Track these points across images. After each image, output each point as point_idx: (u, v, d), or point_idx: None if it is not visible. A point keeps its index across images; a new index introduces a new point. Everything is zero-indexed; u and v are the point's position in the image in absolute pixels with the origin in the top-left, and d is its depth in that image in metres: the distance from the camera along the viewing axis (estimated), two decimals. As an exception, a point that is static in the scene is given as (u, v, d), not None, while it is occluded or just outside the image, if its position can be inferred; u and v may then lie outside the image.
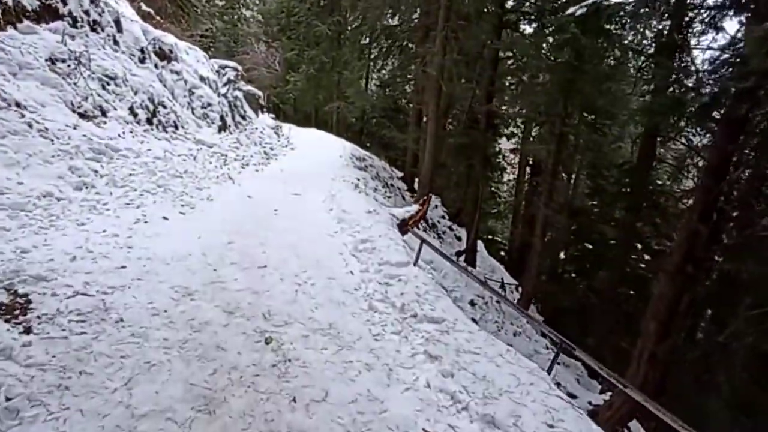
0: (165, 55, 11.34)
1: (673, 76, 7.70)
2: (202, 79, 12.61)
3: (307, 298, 4.78)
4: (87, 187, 5.57)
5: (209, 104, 12.25)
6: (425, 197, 9.41)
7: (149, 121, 9.39)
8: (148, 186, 6.33)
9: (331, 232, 6.90)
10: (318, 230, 6.82)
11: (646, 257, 13.26)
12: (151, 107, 9.62)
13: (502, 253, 26.02)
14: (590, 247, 14.74)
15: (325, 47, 23.64)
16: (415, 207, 9.35)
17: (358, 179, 12.05)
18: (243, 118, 14.55)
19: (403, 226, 9.06)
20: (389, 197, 13.02)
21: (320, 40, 23.96)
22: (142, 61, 10.28)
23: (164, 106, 10.17)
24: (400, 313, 5.00)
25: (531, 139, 23.42)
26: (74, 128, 6.66)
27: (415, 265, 6.30)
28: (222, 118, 12.55)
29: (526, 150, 21.54)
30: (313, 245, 6.16)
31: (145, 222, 5.39)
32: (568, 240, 16.94)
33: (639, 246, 12.47)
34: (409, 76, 18.58)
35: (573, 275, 16.01)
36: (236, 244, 5.49)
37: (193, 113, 11.60)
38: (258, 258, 5.35)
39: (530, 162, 24.06)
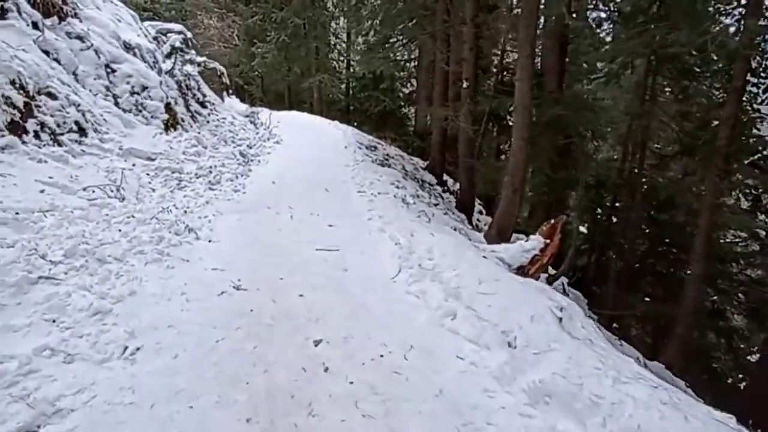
0: (52, 8, 6.59)
1: None
2: (128, 47, 7.88)
3: None
4: None
5: (144, 87, 7.59)
6: (553, 221, 5.28)
7: (16, 127, 4.85)
8: None
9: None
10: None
11: None
12: (20, 99, 5.04)
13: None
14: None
15: (297, 6, 18.68)
16: (534, 241, 5.16)
17: (395, 185, 7.75)
18: (202, 105, 9.89)
19: (524, 275, 4.92)
20: (436, 204, 8.79)
21: (290, -3, 19.03)
22: (-2, 14, 5.59)
23: (53, 96, 5.59)
24: None
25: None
26: None
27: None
28: (168, 107, 7.92)
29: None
30: None
31: None
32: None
33: None
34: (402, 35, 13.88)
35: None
36: None
37: (116, 104, 6.97)
38: None
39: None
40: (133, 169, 5.97)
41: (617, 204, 17.23)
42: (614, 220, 18.98)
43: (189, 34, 10.43)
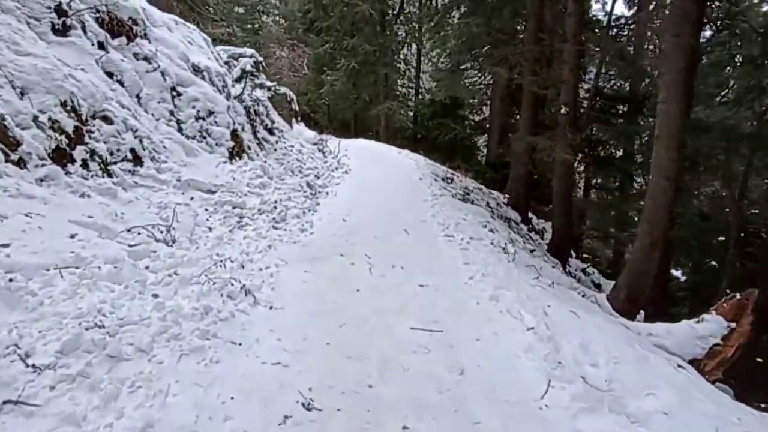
0: (121, 28, 6.12)
1: None
2: (196, 70, 7.34)
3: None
4: None
5: (211, 112, 6.95)
6: (739, 296, 3.74)
7: (60, 155, 4.16)
8: None
9: None
10: None
11: None
12: (70, 123, 4.37)
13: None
14: None
15: (369, 33, 18.30)
16: (712, 324, 3.62)
17: (486, 227, 6.44)
18: (270, 131, 9.24)
19: (701, 371, 3.37)
20: (533, 251, 7.34)
21: (361, 24, 18.71)
22: (59, 31, 5.07)
23: (109, 120, 4.93)
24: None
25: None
26: None
27: None
28: (235, 134, 7.23)
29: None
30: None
31: None
32: None
33: None
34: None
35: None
36: None
37: (180, 130, 6.32)
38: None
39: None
40: (190, 204, 5.16)
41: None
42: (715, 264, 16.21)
43: (260, 58, 9.94)
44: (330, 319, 3.25)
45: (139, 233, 3.97)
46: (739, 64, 11.61)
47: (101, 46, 5.63)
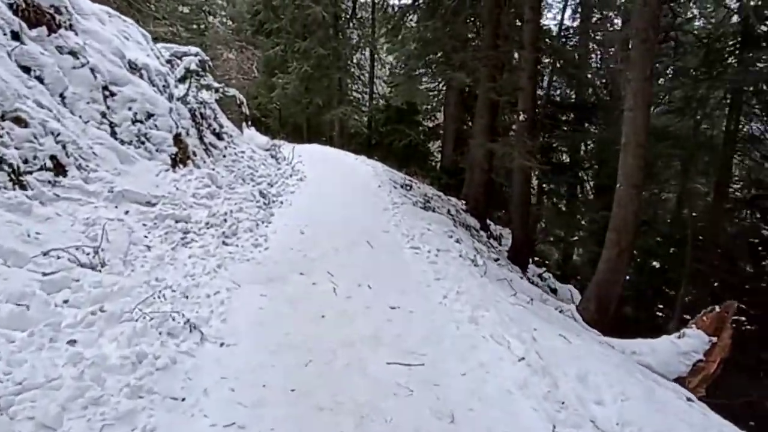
0: (40, 16, 5.36)
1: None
2: (133, 68, 6.60)
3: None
4: None
5: (150, 115, 6.25)
6: (718, 308, 3.64)
7: (-46, 165, 3.44)
8: None
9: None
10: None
11: None
12: (-31, 125, 3.64)
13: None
14: None
15: (321, 36, 17.84)
16: (694, 339, 3.52)
17: (452, 237, 6.22)
18: (219, 136, 8.56)
19: (685, 386, 3.24)
20: (497, 260, 7.20)
21: (313, 27, 18.20)
22: (-41, 16, 4.30)
23: (22, 122, 4.24)
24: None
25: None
26: None
27: None
28: (178, 139, 6.56)
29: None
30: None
31: None
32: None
33: None
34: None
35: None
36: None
37: (113, 134, 5.60)
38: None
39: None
40: (125, 218, 4.53)
41: (671, 250, 15.42)
42: (657, 265, 17.05)
43: (206, 57, 9.23)
44: (293, 356, 2.80)
45: (58, 257, 3.33)
46: (671, 75, 12.30)
47: (15, 36, 4.86)
